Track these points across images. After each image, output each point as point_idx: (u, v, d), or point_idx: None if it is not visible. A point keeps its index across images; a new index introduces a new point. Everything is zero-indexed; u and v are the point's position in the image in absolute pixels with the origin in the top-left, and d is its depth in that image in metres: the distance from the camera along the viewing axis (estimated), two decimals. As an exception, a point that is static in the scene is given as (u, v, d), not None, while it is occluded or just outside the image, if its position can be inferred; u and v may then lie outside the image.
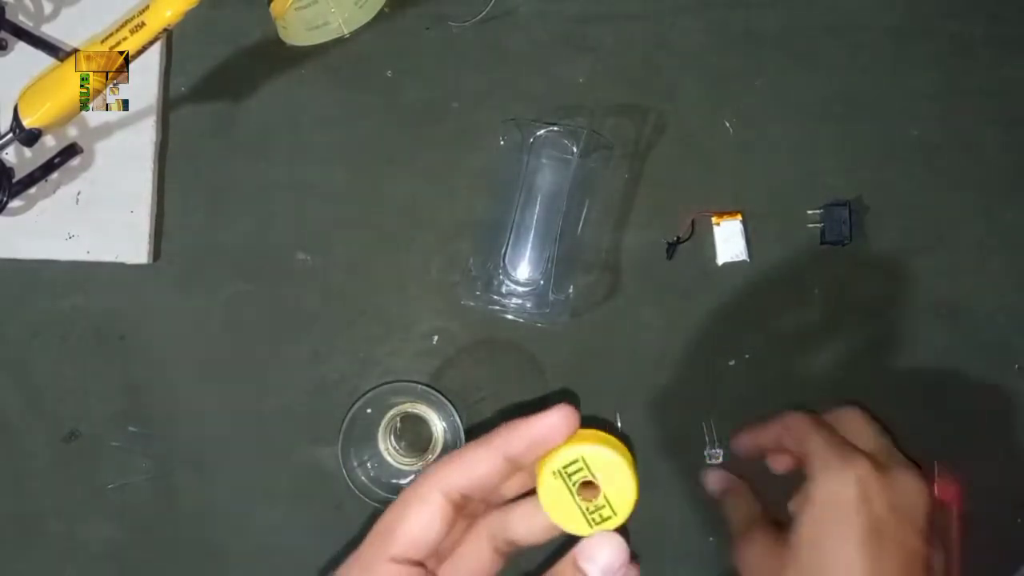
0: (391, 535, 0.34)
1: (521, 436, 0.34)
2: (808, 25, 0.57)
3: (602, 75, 0.57)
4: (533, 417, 0.34)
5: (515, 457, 0.34)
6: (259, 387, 0.56)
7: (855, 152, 0.56)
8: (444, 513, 0.34)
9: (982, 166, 0.56)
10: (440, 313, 0.56)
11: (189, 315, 0.57)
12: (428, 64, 0.57)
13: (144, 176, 0.56)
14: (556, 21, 0.57)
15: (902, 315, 0.56)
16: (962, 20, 0.57)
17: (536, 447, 0.34)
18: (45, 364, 0.57)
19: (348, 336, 0.56)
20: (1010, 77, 0.57)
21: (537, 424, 0.34)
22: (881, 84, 0.57)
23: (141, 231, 0.56)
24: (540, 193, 0.54)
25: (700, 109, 0.56)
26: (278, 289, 0.57)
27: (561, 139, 0.54)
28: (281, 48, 0.55)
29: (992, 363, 0.56)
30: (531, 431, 0.33)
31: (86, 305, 0.57)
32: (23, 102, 0.50)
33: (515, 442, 0.34)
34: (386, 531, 0.34)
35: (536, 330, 0.55)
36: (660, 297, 0.56)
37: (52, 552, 0.56)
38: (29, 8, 0.56)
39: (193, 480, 0.56)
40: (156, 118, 0.56)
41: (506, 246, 0.54)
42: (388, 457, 0.56)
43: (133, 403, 0.56)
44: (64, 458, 0.56)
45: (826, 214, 0.55)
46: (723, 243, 0.55)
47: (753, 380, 0.56)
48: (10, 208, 0.54)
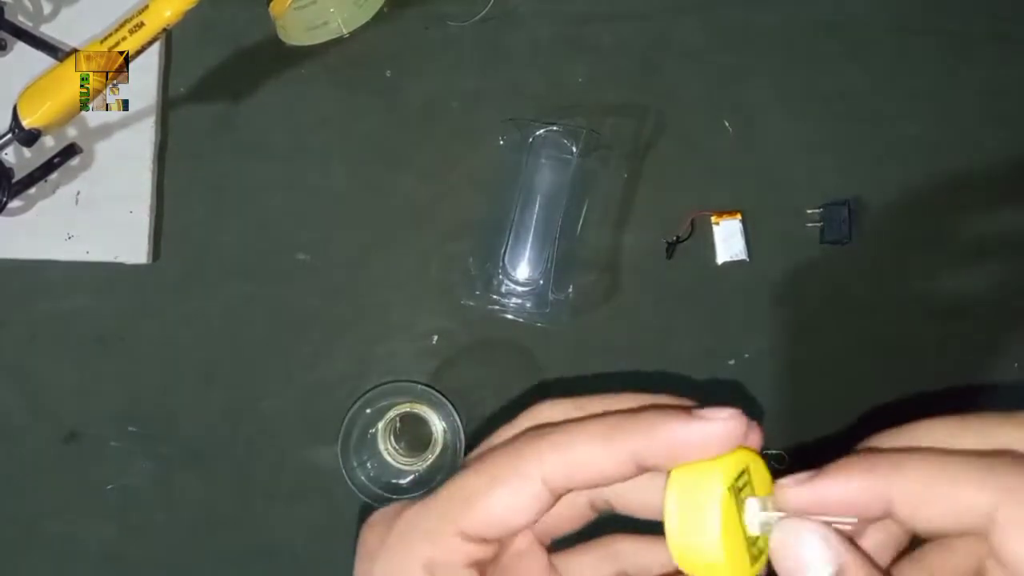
0: (469, 507, 0.26)
1: (664, 443, 0.25)
2: (808, 25, 0.57)
3: (602, 75, 0.57)
4: (683, 419, 0.25)
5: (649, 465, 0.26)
6: (259, 387, 0.56)
7: (855, 152, 0.56)
8: (540, 502, 0.26)
9: (982, 166, 0.56)
10: (440, 313, 0.56)
11: (189, 315, 0.57)
12: (427, 64, 0.57)
13: (144, 176, 0.56)
14: (556, 21, 0.57)
15: (902, 315, 0.56)
16: (962, 20, 0.56)
17: (680, 458, 0.25)
18: (45, 364, 0.57)
19: (348, 336, 0.56)
20: (1010, 77, 0.56)
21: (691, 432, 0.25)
22: (881, 84, 0.57)
23: (141, 231, 0.56)
24: (539, 193, 0.54)
25: (700, 109, 0.56)
26: (278, 289, 0.57)
27: (560, 139, 0.54)
28: (280, 48, 0.55)
29: (992, 363, 0.56)
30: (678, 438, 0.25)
31: (86, 305, 0.57)
32: (23, 102, 0.50)
33: (654, 448, 0.25)
34: (464, 500, 0.27)
35: (536, 330, 0.55)
36: (660, 297, 0.56)
37: (52, 552, 0.56)
38: (28, 8, 0.56)
39: (193, 480, 0.56)
40: (156, 118, 0.56)
41: (506, 246, 0.54)
42: (388, 457, 0.56)
43: (133, 403, 0.56)
44: (64, 458, 0.56)
45: (826, 214, 0.55)
46: (723, 243, 0.55)
47: (753, 380, 0.56)
48: (10, 208, 0.54)
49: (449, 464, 0.55)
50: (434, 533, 0.27)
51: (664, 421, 0.25)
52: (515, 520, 0.26)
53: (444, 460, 0.55)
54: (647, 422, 0.26)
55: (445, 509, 0.27)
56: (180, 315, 0.57)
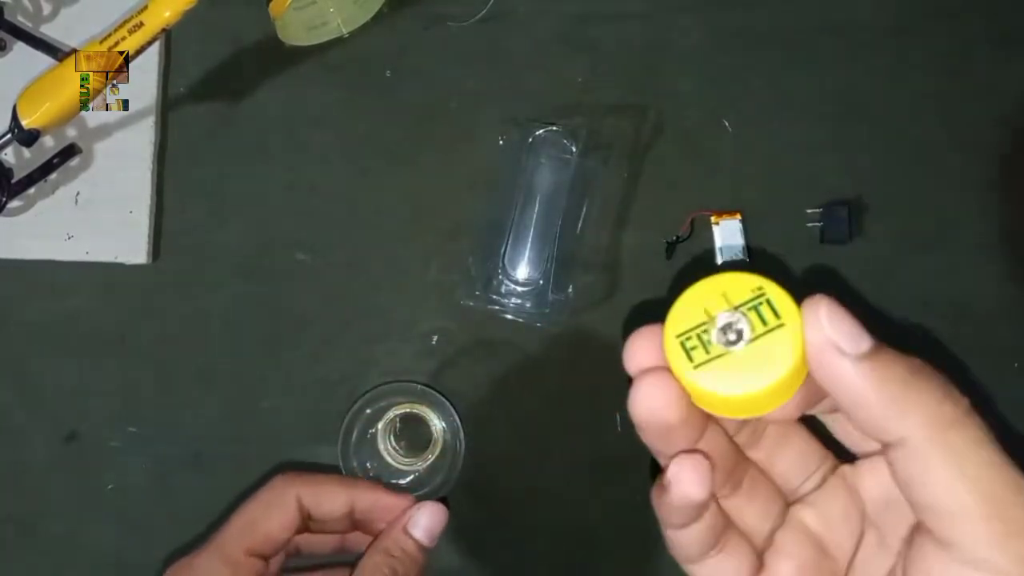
0: (252, 530, 0.38)
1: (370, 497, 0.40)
2: (808, 24, 0.57)
3: (601, 74, 0.57)
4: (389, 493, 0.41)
5: (357, 510, 0.40)
6: (259, 387, 0.56)
7: (855, 152, 0.56)
8: (297, 522, 0.39)
9: (982, 166, 0.56)
10: (440, 313, 0.56)
11: (189, 315, 0.57)
12: (427, 64, 0.57)
13: (143, 176, 0.56)
14: (555, 20, 0.57)
15: (901, 314, 0.56)
16: (962, 20, 0.56)
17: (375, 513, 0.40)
18: (45, 364, 0.57)
19: (348, 336, 0.56)
20: (1010, 77, 0.56)
21: (387, 498, 0.40)
22: (881, 84, 0.56)
23: (140, 231, 0.56)
24: (539, 193, 0.54)
25: (699, 109, 0.56)
26: (278, 289, 0.57)
27: (560, 139, 0.54)
28: (280, 48, 0.55)
29: (992, 363, 0.56)
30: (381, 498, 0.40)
31: (86, 305, 0.57)
32: (22, 102, 0.50)
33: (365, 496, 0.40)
34: (248, 526, 0.38)
35: (536, 330, 0.55)
36: (660, 297, 0.56)
37: (52, 552, 0.56)
38: (28, 8, 0.56)
39: (193, 480, 0.56)
40: (155, 118, 0.56)
41: (505, 246, 0.54)
42: (388, 457, 0.56)
43: (133, 403, 0.56)
44: (64, 458, 0.56)
45: (826, 213, 0.55)
46: (723, 243, 0.55)
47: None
48: (9, 209, 0.54)
49: (449, 464, 0.55)
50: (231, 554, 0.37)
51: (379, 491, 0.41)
52: (283, 536, 0.38)
53: (444, 460, 0.55)
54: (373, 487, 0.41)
55: (234, 534, 0.38)
56: (180, 315, 0.57)
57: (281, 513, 0.38)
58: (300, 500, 0.39)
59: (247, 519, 0.38)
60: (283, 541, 0.38)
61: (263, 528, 0.38)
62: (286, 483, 0.39)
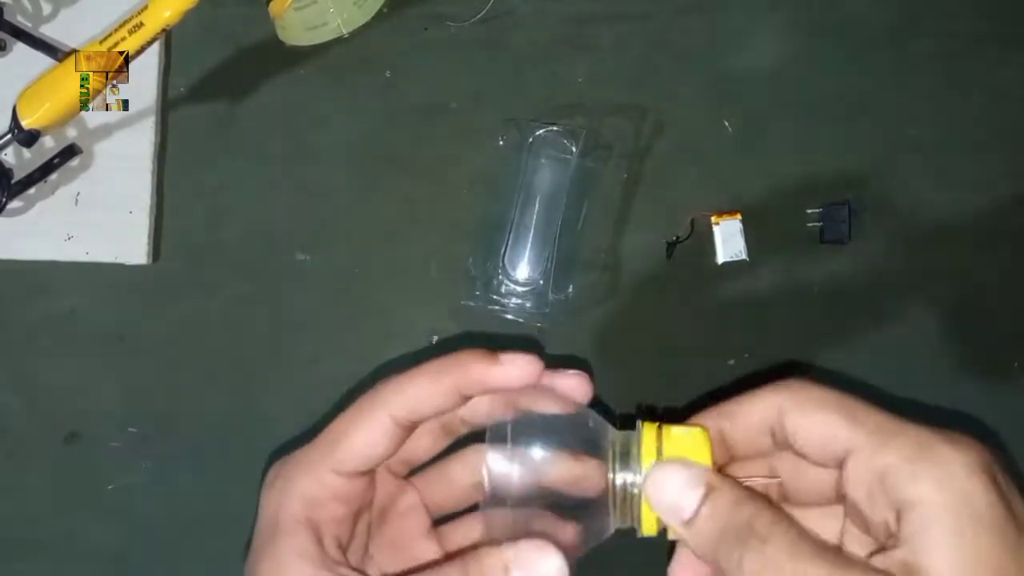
0: (336, 447, 0.34)
1: (475, 378, 0.34)
2: (808, 25, 0.57)
3: (601, 75, 0.57)
4: (490, 362, 0.33)
5: (468, 394, 0.34)
6: (259, 387, 0.56)
7: (855, 152, 0.56)
8: (391, 434, 0.33)
9: (982, 166, 0.56)
10: (440, 313, 0.56)
11: (189, 315, 0.57)
12: (427, 64, 0.57)
13: (143, 176, 0.56)
14: (555, 21, 0.57)
15: (901, 314, 0.56)
16: (962, 20, 0.56)
17: (488, 389, 0.34)
18: (45, 364, 0.57)
19: (348, 336, 0.56)
20: (1010, 77, 0.56)
21: (492, 371, 0.33)
22: (881, 84, 0.56)
23: (140, 231, 0.56)
24: (539, 193, 0.54)
25: (699, 109, 0.56)
26: (278, 289, 0.57)
27: (560, 139, 0.54)
28: (280, 48, 0.55)
29: (992, 363, 0.56)
30: (484, 374, 0.33)
31: (86, 305, 0.57)
32: (22, 103, 0.50)
33: (469, 382, 0.34)
34: (332, 442, 0.34)
35: (536, 330, 0.55)
36: (660, 297, 0.56)
37: (52, 552, 0.56)
38: (28, 9, 0.56)
39: (193, 480, 0.56)
40: (155, 118, 0.56)
41: (505, 246, 0.54)
42: (388, 457, 0.56)
43: (133, 403, 0.56)
44: (64, 458, 0.56)
45: (825, 213, 0.55)
46: (723, 243, 0.55)
47: (753, 380, 0.55)
48: (9, 209, 0.54)
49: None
50: (311, 470, 0.34)
51: (475, 362, 0.34)
52: (373, 452, 0.33)
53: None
54: (463, 363, 0.34)
55: (319, 449, 0.34)
56: (180, 315, 0.57)
57: (367, 429, 0.33)
58: (392, 413, 0.34)
59: (331, 435, 0.34)
60: (378, 457, 0.34)
61: (346, 445, 0.34)
62: (375, 395, 0.34)
